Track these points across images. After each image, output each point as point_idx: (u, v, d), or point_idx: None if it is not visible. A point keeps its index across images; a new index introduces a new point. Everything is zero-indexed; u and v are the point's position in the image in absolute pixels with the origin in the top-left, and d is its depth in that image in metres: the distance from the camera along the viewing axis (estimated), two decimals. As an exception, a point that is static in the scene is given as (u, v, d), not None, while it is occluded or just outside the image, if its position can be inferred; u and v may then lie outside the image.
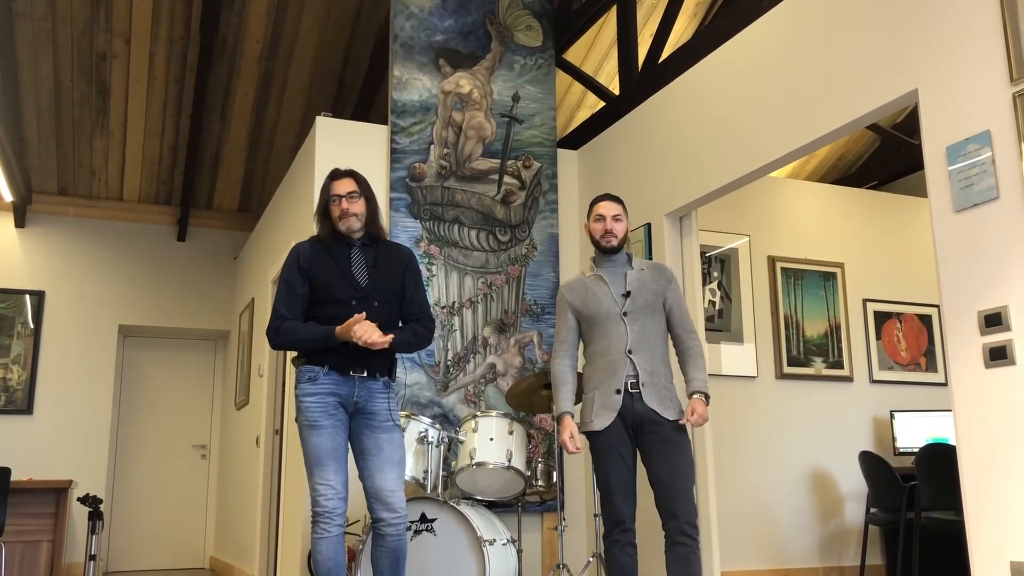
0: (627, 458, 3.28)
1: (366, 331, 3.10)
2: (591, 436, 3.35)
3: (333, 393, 3.18)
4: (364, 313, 3.12)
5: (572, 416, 3.38)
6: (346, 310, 3.21)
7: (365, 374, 3.21)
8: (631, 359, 3.30)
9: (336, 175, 3.33)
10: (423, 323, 3.37)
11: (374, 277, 3.29)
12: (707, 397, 3.31)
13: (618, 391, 3.28)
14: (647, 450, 3.27)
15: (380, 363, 3.26)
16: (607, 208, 3.43)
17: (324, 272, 3.24)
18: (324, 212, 3.33)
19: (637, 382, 3.28)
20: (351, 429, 3.24)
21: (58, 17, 5.96)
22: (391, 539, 3.17)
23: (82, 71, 6.41)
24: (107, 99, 6.69)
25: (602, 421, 3.29)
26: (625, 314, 3.34)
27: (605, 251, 3.43)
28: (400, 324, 3.37)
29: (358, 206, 3.28)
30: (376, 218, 3.35)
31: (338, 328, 3.13)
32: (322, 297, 3.23)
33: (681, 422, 3.28)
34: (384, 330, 3.21)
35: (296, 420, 3.22)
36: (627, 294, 3.36)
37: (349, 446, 3.25)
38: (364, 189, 3.31)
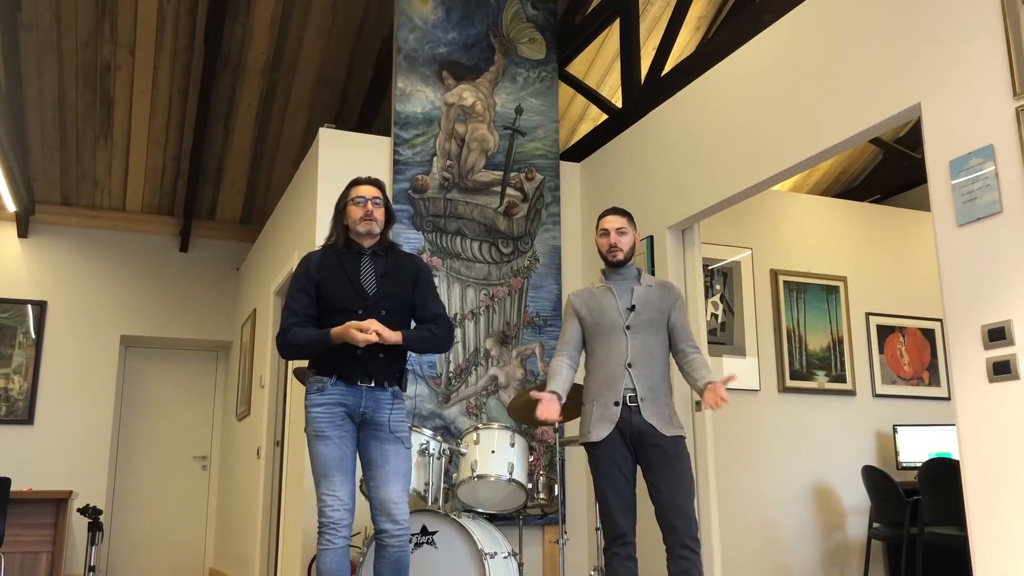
0: (626, 471, 3.27)
1: (368, 327, 3.10)
2: (589, 448, 3.34)
3: (340, 404, 3.18)
4: (369, 321, 3.13)
5: (560, 397, 3.31)
6: (352, 319, 3.21)
7: (372, 384, 3.21)
8: (630, 372, 3.30)
9: (360, 181, 3.37)
10: (437, 322, 3.34)
11: (383, 286, 3.29)
12: None
13: (616, 403, 3.28)
14: (647, 465, 3.26)
15: (388, 372, 3.25)
16: (611, 222, 3.46)
17: (332, 281, 3.26)
18: (339, 217, 3.35)
19: (636, 396, 3.28)
20: (359, 440, 3.24)
21: (63, 28, 5.98)
22: (394, 551, 3.15)
23: (86, 82, 6.43)
24: (111, 110, 6.71)
25: (599, 432, 3.28)
26: (628, 327, 3.34)
27: (612, 264, 3.45)
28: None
29: (380, 213, 3.33)
30: (389, 229, 3.39)
31: (333, 330, 3.14)
32: (330, 306, 3.24)
33: (707, 408, 3.22)
34: None
35: (305, 430, 3.22)
36: (632, 308, 3.37)
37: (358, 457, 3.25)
38: (385, 199, 3.37)
